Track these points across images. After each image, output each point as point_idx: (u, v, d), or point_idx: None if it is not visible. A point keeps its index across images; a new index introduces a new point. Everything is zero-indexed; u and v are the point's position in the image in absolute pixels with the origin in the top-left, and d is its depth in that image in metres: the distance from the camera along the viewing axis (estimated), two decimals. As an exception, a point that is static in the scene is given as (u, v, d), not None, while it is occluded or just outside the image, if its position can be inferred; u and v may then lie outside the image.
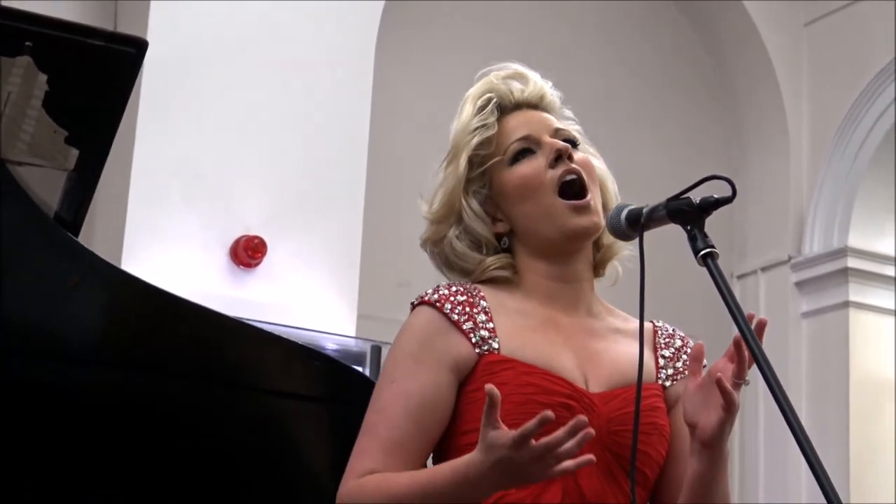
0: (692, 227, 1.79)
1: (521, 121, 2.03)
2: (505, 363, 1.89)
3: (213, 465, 2.18)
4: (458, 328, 1.91)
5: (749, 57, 6.56)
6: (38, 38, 1.96)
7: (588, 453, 1.82)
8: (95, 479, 2.09)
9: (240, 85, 4.90)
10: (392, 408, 1.88)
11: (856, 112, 6.17)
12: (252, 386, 2.24)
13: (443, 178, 2.03)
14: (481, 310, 1.93)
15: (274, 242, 4.79)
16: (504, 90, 2.05)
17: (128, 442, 2.11)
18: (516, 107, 2.05)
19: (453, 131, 2.04)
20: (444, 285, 1.96)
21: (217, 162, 4.81)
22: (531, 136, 2.01)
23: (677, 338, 2.07)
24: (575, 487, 1.85)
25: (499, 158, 2.00)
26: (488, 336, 1.91)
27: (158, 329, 2.19)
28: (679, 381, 2.01)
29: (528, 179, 1.98)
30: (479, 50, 5.93)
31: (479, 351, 1.90)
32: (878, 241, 6.18)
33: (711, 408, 1.82)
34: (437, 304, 1.92)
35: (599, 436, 1.87)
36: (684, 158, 6.40)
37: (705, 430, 1.83)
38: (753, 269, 6.50)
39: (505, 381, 1.86)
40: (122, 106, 2.12)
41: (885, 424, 6.01)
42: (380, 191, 5.31)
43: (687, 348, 2.05)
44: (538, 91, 2.07)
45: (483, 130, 2.00)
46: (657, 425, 1.94)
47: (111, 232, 4.66)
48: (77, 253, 2.11)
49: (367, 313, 5.14)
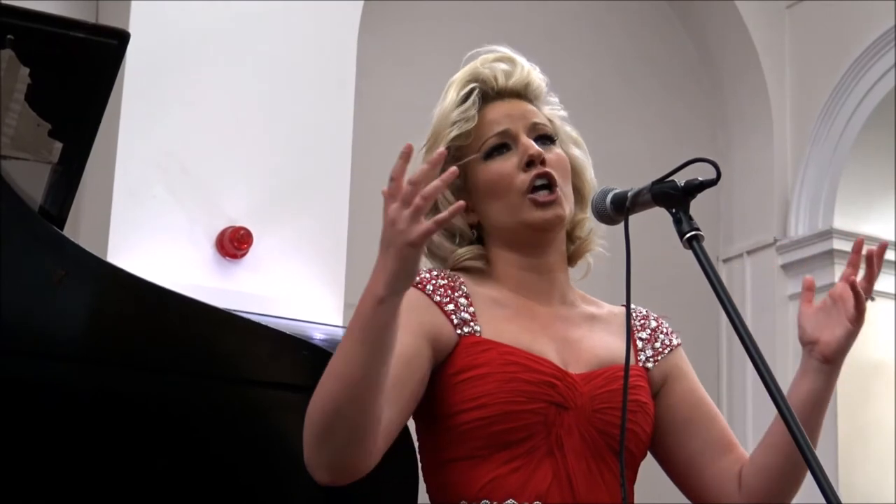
0: (677, 210, 1.79)
1: (502, 113, 2.03)
2: (486, 344, 1.89)
3: (202, 458, 2.17)
4: (440, 308, 1.92)
5: (731, 40, 6.57)
6: (19, 31, 1.95)
7: (573, 430, 1.84)
8: (83, 475, 2.08)
9: (223, 75, 4.89)
10: None
11: (839, 94, 6.18)
12: (240, 377, 2.23)
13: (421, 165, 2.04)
14: (462, 294, 1.94)
15: (260, 233, 4.78)
16: (488, 77, 2.04)
17: (116, 436, 2.10)
18: (499, 95, 2.05)
19: (435, 117, 2.04)
20: (425, 269, 1.97)
21: (202, 153, 4.80)
22: (509, 132, 2.01)
23: (651, 319, 2.08)
24: (564, 468, 1.86)
25: (475, 155, 2.00)
26: (470, 319, 1.92)
27: (146, 322, 2.18)
28: (660, 361, 2.03)
29: (500, 178, 1.99)
30: (464, 39, 5.89)
31: (460, 332, 1.91)
32: (864, 223, 6.19)
33: (836, 324, 1.92)
34: (419, 286, 1.93)
35: (584, 415, 1.88)
36: (668, 143, 6.41)
37: (829, 344, 1.92)
38: (739, 252, 6.52)
39: (487, 360, 1.87)
40: (106, 98, 2.11)
41: (872, 406, 6.03)
42: (365, 179, 5.30)
43: (662, 327, 2.07)
44: (524, 78, 2.07)
45: (462, 124, 2.01)
46: (640, 402, 1.95)
47: (96, 225, 4.65)
48: (63, 247, 2.10)
49: (354, 302, 5.07)
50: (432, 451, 1.92)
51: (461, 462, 1.87)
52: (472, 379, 1.87)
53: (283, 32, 5.02)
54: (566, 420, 1.87)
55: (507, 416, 1.84)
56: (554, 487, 1.85)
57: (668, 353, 2.04)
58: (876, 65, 6.04)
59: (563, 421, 1.87)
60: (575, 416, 1.88)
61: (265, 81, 4.96)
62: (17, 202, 2.03)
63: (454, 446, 1.88)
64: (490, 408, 1.85)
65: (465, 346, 1.90)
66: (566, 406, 1.87)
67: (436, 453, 1.91)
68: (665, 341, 2.05)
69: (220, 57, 4.90)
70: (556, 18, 6.26)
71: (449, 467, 1.89)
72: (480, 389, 1.86)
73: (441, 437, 1.89)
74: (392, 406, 1.81)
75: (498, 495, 1.84)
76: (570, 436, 1.87)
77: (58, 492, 2.07)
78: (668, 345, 2.05)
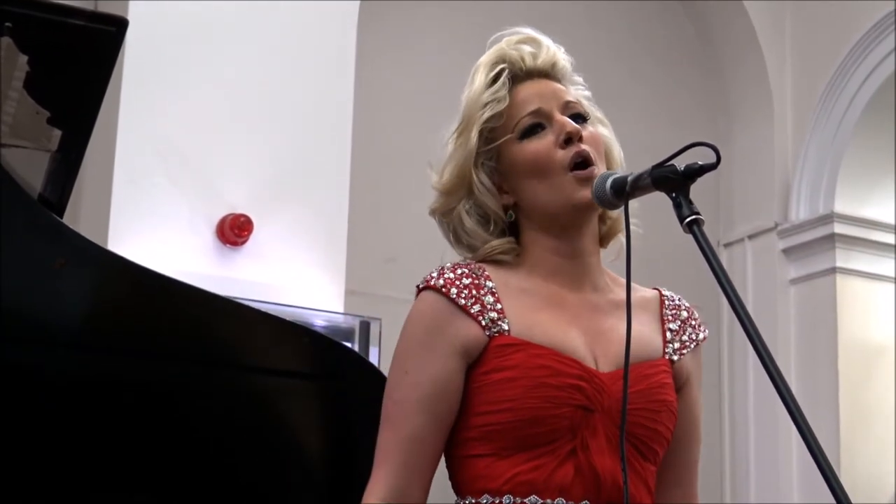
0: (677, 195, 1.77)
1: (533, 92, 2.00)
2: (516, 346, 1.88)
3: (203, 444, 2.18)
4: (466, 312, 1.90)
5: (732, 25, 6.56)
6: (18, 18, 1.94)
7: (599, 431, 1.84)
8: (83, 460, 2.08)
9: (222, 62, 4.89)
10: (408, 400, 1.88)
11: (839, 78, 6.17)
12: (241, 364, 2.23)
13: (453, 149, 2.00)
14: (487, 291, 1.92)
15: (260, 220, 4.78)
16: (515, 57, 2.02)
17: (116, 422, 2.10)
18: (528, 75, 2.02)
19: (464, 101, 2.00)
20: (448, 268, 1.94)
21: (202, 140, 4.79)
22: (542, 111, 1.99)
23: (683, 309, 2.06)
24: (587, 465, 1.86)
25: (510, 136, 1.98)
26: (497, 318, 1.90)
27: (147, 309, 2.18)
28: (686, 355, 2.01)
29: (538, 158, 1.96)
30: (462, 26, 5.92)
31: (489, 333, 1.89)
32: (864, 207, 6.19)
33: None
34: (444, 290, 1.91)
35: (611, 416, 1.87)
36: (669, 128, 6.40)
37: None
38: (740, 236, 6.52)
39: (516, 363, 1.86)
40: (105, 85, 2.10)
41: (874, 389, 6.03)
42: (366, 166, 5.30)
43: (692, 319, 2.05)
44: (550, 58, 2.05)
45: (495, 105, 1.98)
46: (666, 402, 1.94)
47: (96, 213, 4.64)
48: (63, 235, 2.10)
49: (355, 289, 5.14)
50: (455, 445, 1.92)
51: (484, 458, 1.87)
52: (501, 381, 1.86)
53: (282, 20, 5.01)
54: (592, 421, 1.86)
55: (534, 422, 1.84)
56: (577, 484, 1.85)
57: (693, 348, 2.03)
58: (876, 48, 6.04)
59: (590, 423, 1.86)
60: (601, 417, 1.87)
61: (265, 69, 4.95)
62: (17, 190, 2.03)
63: (478, 444, 1.88)
64: (517, 412, 1.84)
65: (494, 347, 1.88)
66: (592, 408, 1.87)
67: (458, 448, 1.91)
68: (692, 335, 2.03)
69: (219, 44, 4.90)
70: (555, 4, 6.25)
71: (471, 462, 1.89)
72: (509, 393, 1.85)
73: (464, 433, 1.89)
74: (439, 444, 1.90)
75: (521, 491, 1.84)
76: (596, 437, 1.87)
77: (58, 477, 2.07)
78: (695, 339, 2.03)
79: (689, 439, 2.03)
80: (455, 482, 1.93)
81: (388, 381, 1.93)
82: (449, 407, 1.89)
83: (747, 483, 6.12)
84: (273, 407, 2.26)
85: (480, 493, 1.87)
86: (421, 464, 1.88)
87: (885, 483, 5.89)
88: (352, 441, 1.99)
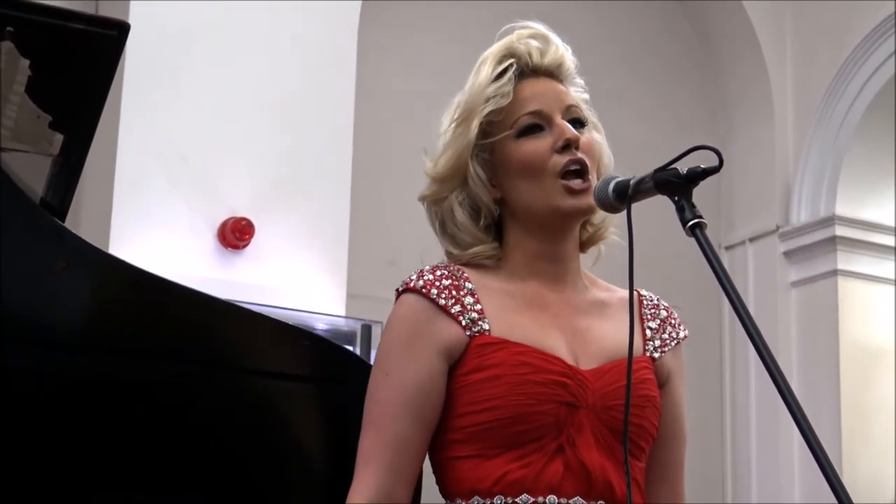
0: (680, 198, 1.78)
1: (536, 91, 2.01)
2: (497, 344, 1.89)
3: (203, 446, 2.18)
4: (447, 312, 1.91)
5: (733, 25, 6.56)
6: (19, 22, 1.94)
7: (584, 427, 1.84)
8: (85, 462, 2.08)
9: (223, 65, 4.89)
10: (391, 402, 1.89)
11: (841, 79, 6.18)
12: (242, 367, 2.23)
13: (451, 138, 2.00)
14: (467, 292, 1.93)
15: (261, 224, 4.78)
16: (523, 52, 2.01)
17: (116, 425, 2.10)
18: (533, 72, 2.02)
19: (468, 90, 2.00)
20: (427, 269, 1.95)
21: (203, 144, 4.80)
22: (543, 112, 1.99)
23: (661, 308, 2.07)
24: (576, 463, 1.86)
25: (507, 133, 1.98)
26: (478, 318, 1.91)
27: (148, 313, 2.18)
28: (667, 353, 2.02)
29: (532, 159, 1.96)
30: (462, 26, 5.92)
31: (470, 333, 1.90)
32: (866, 209, 6.20)
33: None
34: (423, 291, 1.92)
35: (595, 412, 1.88)
36: (670, 130, 6.41)
37: None
38: (741, 239, 6.52)
39: (498, 362, 1.87)
40: (106, 89, 2.10)
41: (875, 391, 6.04)
42: (367, 169, 5.30)
43: (672, 318, 2.06)
44: (558, 58, 2.04)
45: (498, 100, 1.97)
46: (649, 397, 1.95)
47: (98, 216, 4.65)
48: (64, 238, 2.10)
49: (356, 292, 5.14)
50: (440, 447, 1.92)
51: (471, 459, 1.87)
52: (483, 381, 1.86)
53: (283, 22, 5.02)
54: (577, 418, 1.87)
55: (519, 419, 1.84)
56: (567, 480, 1.85)
57: (673, 346, 2.04)
58: (877, 51, 6.04)
59: (575, 419, 1.87)
60: (586, 413, 1.88)
61: (266, 72, 4.95)
62: (18, 194, 2.03)
63: (463, 445, 1.88)
64: (501, 410, 1.85)
65: (475, 347, 1.89)
66: (577, 405, 1.87)
67: (443, 451, 1.91)
68: (672, 333, 2.04)
69: (220, 47, 4.90)
70: (555, 4, 6.24)
71: (457, 464, 1.89)
72: (491, 392, 1.85)
73: (448, 435, 1.89)
74: (423, 445, 1.91)
75: (512, 490, 1.85)
76: (582, 433, 1.87)
77: (59, 480, 2.07)
78: (675, 337, 2.04)
79: (673, 437, 2.04)
80: (442, 485, 1.93)
81: (370, 384, 1.93)
82: (432, 407, 1.89)
83: (749, 484, 6.12)
84: (273, 409, 2.26)
85: (470, 496, 1.87)
86: (405, 465, 1.88)
87: (885, 485, 5.89)
88: (352, 443, 1.99)
